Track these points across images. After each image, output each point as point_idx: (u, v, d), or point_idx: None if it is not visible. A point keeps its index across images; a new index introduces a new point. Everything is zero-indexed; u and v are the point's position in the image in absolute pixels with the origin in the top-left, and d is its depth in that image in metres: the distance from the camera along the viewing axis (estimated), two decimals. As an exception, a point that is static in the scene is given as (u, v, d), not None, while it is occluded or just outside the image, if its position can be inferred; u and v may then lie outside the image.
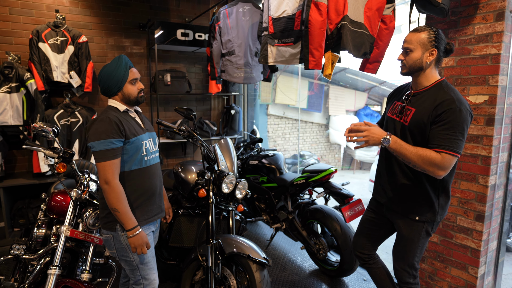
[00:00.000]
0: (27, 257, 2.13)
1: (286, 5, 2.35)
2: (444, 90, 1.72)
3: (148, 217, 1.90)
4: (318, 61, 2.19)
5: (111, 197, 1.71)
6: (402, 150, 1.66)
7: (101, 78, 1.82)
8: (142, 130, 1.90)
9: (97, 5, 3.96)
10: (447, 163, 1.62)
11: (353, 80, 9.89)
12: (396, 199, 1.92)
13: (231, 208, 2.48)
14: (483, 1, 2.12)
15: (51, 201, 2.37)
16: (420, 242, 1.89)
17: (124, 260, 1.86)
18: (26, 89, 3.48)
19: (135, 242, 1.76)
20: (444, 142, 1.62)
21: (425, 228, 1.86)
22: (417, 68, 1.77)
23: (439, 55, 1.74)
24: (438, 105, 1.67)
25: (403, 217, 1.90)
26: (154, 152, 1.97)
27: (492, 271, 2.40)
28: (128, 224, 1.74)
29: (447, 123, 1.63)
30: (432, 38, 1.71)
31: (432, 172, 1.64)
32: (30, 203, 3.74)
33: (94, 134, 1.73)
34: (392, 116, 1.94)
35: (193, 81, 4.61)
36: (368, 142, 1.69)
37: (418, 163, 1.65)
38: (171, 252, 2.76)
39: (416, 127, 1.75)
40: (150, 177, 1.91)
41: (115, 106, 1.86)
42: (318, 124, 10.18)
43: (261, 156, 3.65)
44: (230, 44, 3.30)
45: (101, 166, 1.71)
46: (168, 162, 4.65)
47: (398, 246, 1.97)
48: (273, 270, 3.15)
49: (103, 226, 1.86)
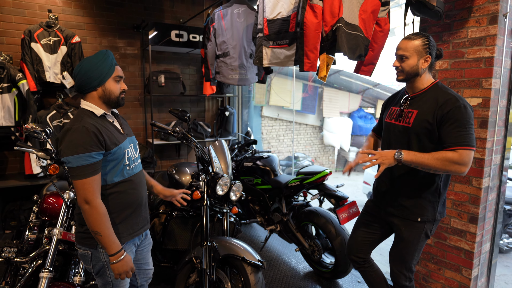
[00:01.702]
0: (19, 260, 2.10)
1: (281, 7, 2.35)
2: (442, 90, 1.78)
3: (133, 231, 1.71)
4: (313, 63, 2.19)
5: (92, 219, 1.49)
6: (418, 160, 1.69)
7: (81, 69, 1.56)
8: (122, 137, 1.67)
9: (90, 5, 3.93)
10: (466, 158, 1.65)
11: (347, 82, 9.95)
12: (397, 202, 1.93)
13: (226, 210, 2.47)
14: (476, 5, 2.14)
15: (43, 203, 2.34)
16: (419, 244, 1.90)
17: (100, 276, 1.68)
18: (18, 90, 3.43)
19: (120, 268, 1.56)
20: (458, 139, 1.66)
21: (425, 230, 1.88)
22: (413, 74, 1.81)
23: (433, 61, 1.81)
24: (442, 104, 1.71)
25: (404, 219, 1.91)
26: (136, 159, 1.76)
27: (485, 273, 2.41)
28: (112, 248, 1.53)
29: (456, 121, 1.67)
30: (426, 45, 1.77)
31: (455, 170, 1.68)
32: (21, 205, 3.68)
33: (69, 148, 1.47)
34: (391, 121, 1.96)
35: (187, 83, 4.60)
36: (384, 163, 1.71)
37: (438, 166, 1.67)
38: (165, 254, 2.73)
39: (421, 127, 1.78)
40: (135, 187, 1.71)
41: (90, 109, 1.60)
42: (312, 126, 10.21)
43: (256, 158, 3.64)
44: (225, 45, 3.29)
45: (80, 184, 1.48)
46: (162, 164, 4.62)
47: (396, 249, 1.98)
48: (268, 272, 3.14)
49: (79, 242, 1.64)
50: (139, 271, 1.91)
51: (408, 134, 1.84)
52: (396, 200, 1.93)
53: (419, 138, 1.80)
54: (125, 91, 1.71)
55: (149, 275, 1.97)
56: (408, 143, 1.84)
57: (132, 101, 4.31)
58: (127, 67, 4.22)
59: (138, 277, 1.91)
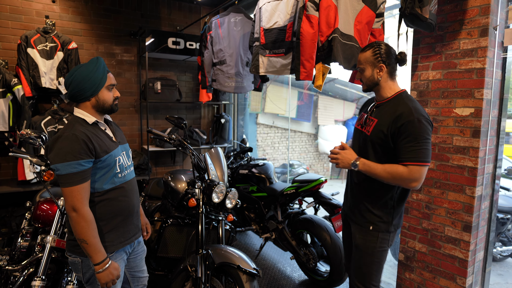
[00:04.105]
0: (10, 268, 2.07)
1: (278, 17, 2.39)
2: (403, 101, 1.76)
3: (124, 239, 1.70)
4: (309, 72, 2.22)
5: (79, 227, 1.49)
6: (371, 171, 1.75)
7: (74, 79, 1.56)
8: (114, 144, 1.67)
9: (88, 12, 3.94)
10: (416, 174, 1.66)
11: (342, 90, 10.03)
12: (354, 208, 1.95)
13: (221, 218, 2.46)
14: (468, 18, 2.19)
15: (37, 209, 2.32)
16: (375, 255, 1.87)
17: (90, 284, 1.67)
18: (13, 95, 3.41)
19: (105, 277, 1.55)
20: (409, 154, 1.66)
21: (379, 240, 1.85)
22: (372, 84, 1.85)
23: (391, 68, 1.81)
24: (397, 117, 1.71)
25: (358, 226, 1.92)
26: (129, 166, 1.76)
27: (480, 281, 2.43)
28: (97, 257, 1.52)
29: (409, 135, 1.67)
30: (376, 55, 1.78)
31: (405, 185, 1.70)
32: (13, 212, 3.63)
33: (58, 155, 1.48)
34: (358, 127, 1.99)
35: (183, 90, 4.61)
36: (339, 165, 1.83)
37: (388, 179, 1.71)
38: (159, 262, 2.71)
39: (377, 137, 1.79)
40: (127, 195, 1.70)
41: (82, 117, 1.61)
42: (307, 134, 10.25)
43: (251, 165, 3.64)
44: (222, 53, 3.32)
45: (68, 192, 1.48)
46: (157, 171, 4.60)
47: (353, 260, 1.97)
48: (263, 281, 3.12)
49: (70, 250, 1.64)
50: (133, 279, 1.89)
51: (366, 141, 1.86)
52: (354, 206, 1.96)
53: (375, 147, 1.81)
54: (118, 98, 1.72)
55: (144, 283, 1.95)
56: (366, 150, 1.86)
57: (128, 107, 4.31)
58: (123, 74, 4.23)
59: (132, 285, 1.89)
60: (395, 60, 1.82)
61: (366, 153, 1.85)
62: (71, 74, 1.58)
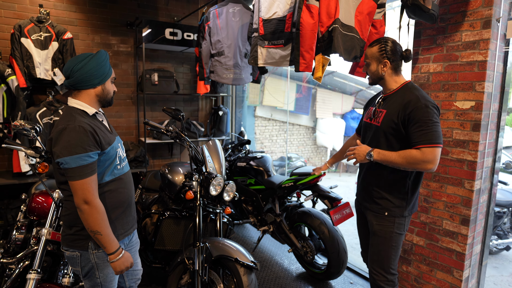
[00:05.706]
0: (5, 260, 2.04)
1: (277, 7, 2.34)
2: (410, 90, 1.85)
3: (124, 230, 1.72)
4: (309, 64, 2.19)
5: (92, 219, 1.48)
6: (386, 159, 1.83)
7: (85, 66, 1.54)
8: (112, 136, 1.68)
9: (83, 1, 3.86)
10: (429, 156, 1.72)
11: (341, 83, 9.99)
12: (369, 197, 2.02)
13: (219, 211, 2.44)
14: (470, 9, 2.15)
15: (32, 202, 2.29)
16: (392, 240, 1.94)
17: (88, 278, 1.66)
18: (7, 86, 3.35)
19: (121, 265, 1.58)
20: (420, 138, 1.74)
21: (395, 225, 1.93)
22: (377, 79, 1.96)
23: (395, 64, 1.89)
24: (405, 104, 1.80)
25: (374, 213, 1.99)
26: (125, 158, 1.78)
27: (476, 274, 2.44)
28: (112, 246, 1.54)
29: (418, 120, 1.75)
30: (382, 51, 1.88)
31: (421, 168, 1.76)
32: (9, 204, 3.60)
33: (67, 148, 1.45)
34: (367, 121, 2.06)
35: (181, 81, 4.55)
36: (356, 159, 1.93)
37: (404, 164, 1.77)
38: (156, 255, 2.70)
39: (388, 126, 1.86)
40: (125, 186, 1.73)
41: (81, 108, 1.58)
42: (305, 127, 10.22)
43: (249, 158, 3.62)
44: (220, 44, 3.26)
45: (79, 185, 1.46)
46: (154, 163, 4.57)
47: (372, 246, 2.03)
48: (260, 273, 3.12)
49: (68, 245, 1.62)
50: (127, 272, 1.88)
51: (378, 132, 1.93)
52: (368, 194, 2.02)
53: (387, 137, 1.89)
54: (115, 92, 1.75)
55: (138, 276, 1.94)
56: (378, 141, 1.92)
57: (125, 99, 4.25)
58: (120, 65, 4.16)
59: (126, 278, 1.88)
60: (400, 56, 1.90)
61: (378, 143, 1.92)
62: (80, 61, 1.55)
